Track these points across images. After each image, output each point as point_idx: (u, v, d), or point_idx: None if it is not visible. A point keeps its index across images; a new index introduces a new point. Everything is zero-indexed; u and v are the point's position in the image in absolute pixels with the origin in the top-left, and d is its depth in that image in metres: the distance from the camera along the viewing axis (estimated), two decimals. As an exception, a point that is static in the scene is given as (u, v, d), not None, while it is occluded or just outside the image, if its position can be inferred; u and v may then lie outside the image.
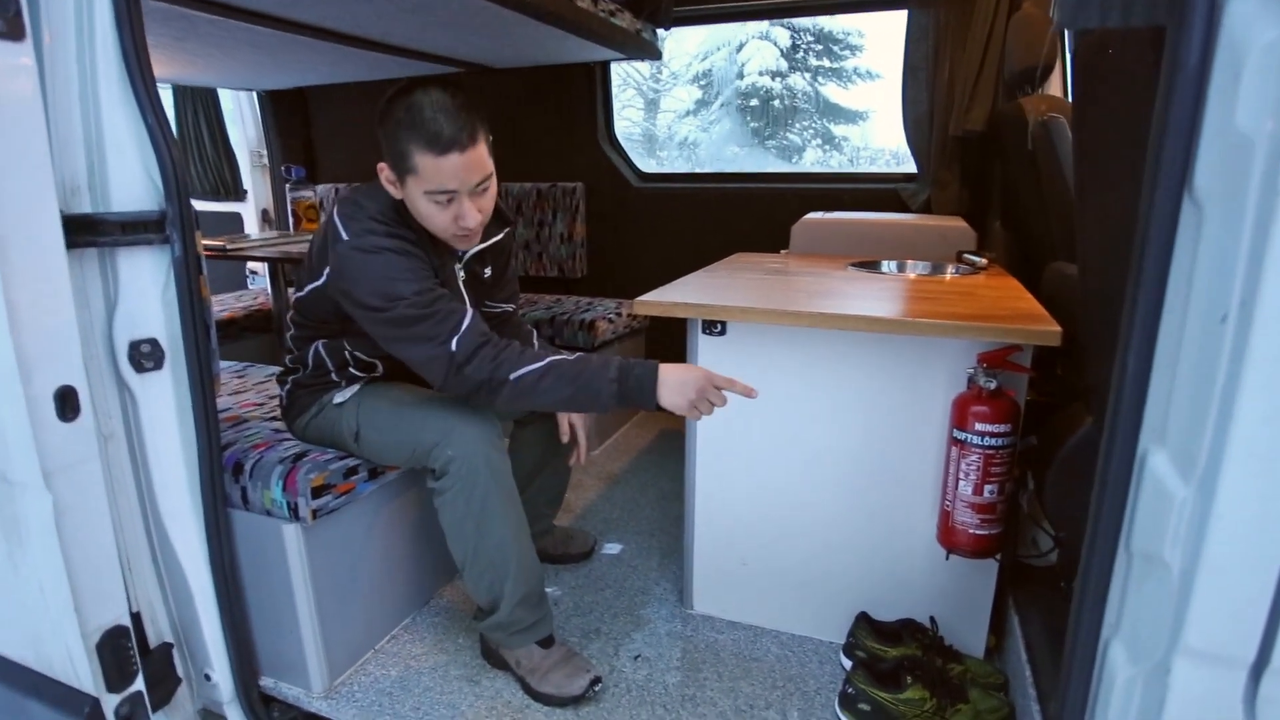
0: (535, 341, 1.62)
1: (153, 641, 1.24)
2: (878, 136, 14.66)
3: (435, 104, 1.15)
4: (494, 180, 1.25)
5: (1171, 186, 0.62)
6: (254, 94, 3.29)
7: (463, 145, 1.16)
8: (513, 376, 1.17)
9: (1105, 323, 1.01)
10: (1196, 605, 0.60)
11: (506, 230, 1.49)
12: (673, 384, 1.18)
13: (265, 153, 3.39)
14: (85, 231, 1.05)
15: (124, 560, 1.17)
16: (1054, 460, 1.18)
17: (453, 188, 1.18)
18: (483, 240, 1.39)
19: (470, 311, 1.23)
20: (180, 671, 1.27)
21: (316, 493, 1.24)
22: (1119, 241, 0.94)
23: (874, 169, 13.56)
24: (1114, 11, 0.65)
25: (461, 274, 1.40)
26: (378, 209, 1.24)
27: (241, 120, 3.37)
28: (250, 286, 3.43)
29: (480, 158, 1.19)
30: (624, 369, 1.19)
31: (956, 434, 1.20)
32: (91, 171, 1.06)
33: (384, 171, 1.23)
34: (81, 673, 1.03)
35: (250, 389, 1.68)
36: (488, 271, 1.49)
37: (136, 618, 1.21)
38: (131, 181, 1.07)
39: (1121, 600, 0.71)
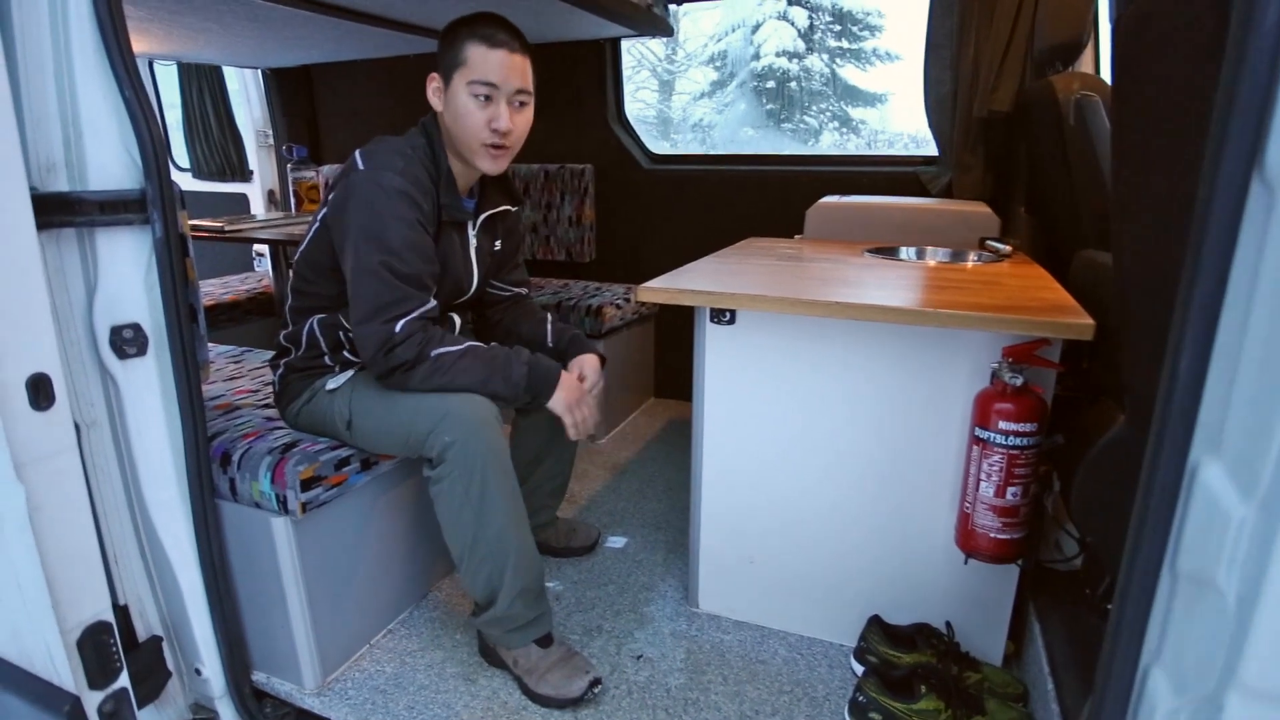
0: (548, 326, 1.57)
1: (141, 635, 1.21)
2: (896, 120, 14.40)
3: (497, 18, 1.27)
4: (531, 106, 1.32)
5: (1238, 166, 0.54)
6: (259, 72, 3.23)
7: (511, 48, 1.25)
8: (433, 354, 1.22)
9: (1143, 316, 0.93)
10: (1257, 638, 0.54)
11: (518, 207, 1.51)
12: (566, 390, 1.32)
13: (271, 132, 3.34)
14: (61, 211, 1.00)
15: (110, 552, 1.14)
16: (1083, 461, 1.11)
17: (494, 80, 1.24)
18: (493, 206, 1.43)
19: (431, 303, 1.25)
20: (170, 665, 1.24)
21: (306, 485, 1.20)
22: (1162, 229, 0.86)
23: (892, 153, 13.34)
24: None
25: (473, 242, 1.39)
26: (403, 145, 1.27)
27: (247, 99, 3.31)
28: (256, 269, 3.40)
29: (524, 68, 1.27)
30: (534, 360, 1.30)
31: (979, 432, 1.13)
32: (68, 148, 1.01)
33: (433, 81, 1.28)
34: (62, 670, 1.00)
35: (246, 374, 1.64)
36: (497, 244, 1.48)
37: (124, 610, 1.18)
38: (110, 159, 1.02)
39: (1164, 625, 0.64)
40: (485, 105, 1.24)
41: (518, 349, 1.31)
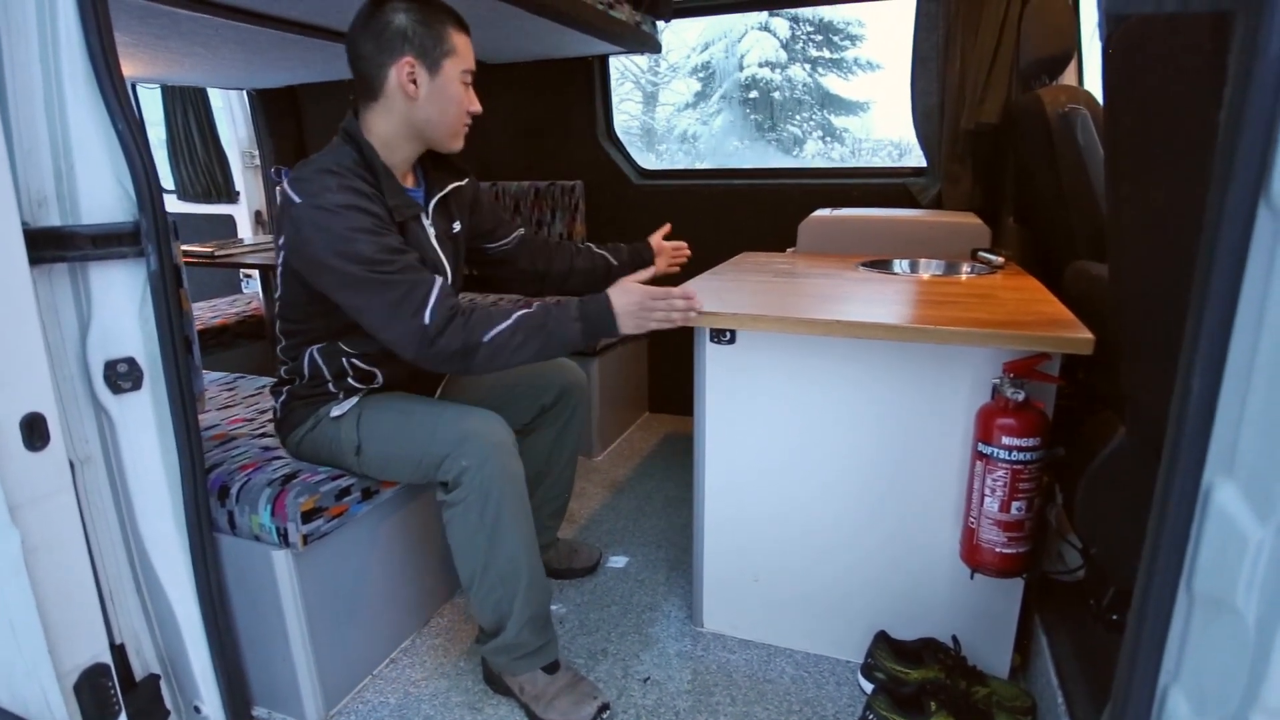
0: (606, 254, 1.54)
1: (139, 674, 1.18)
2: (879, 128, 14.54)
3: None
4: None
5: (1245, 191, 0.55)
6: (244, 93, 3.21)
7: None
8: (485, 338, 1.16)
9: (1143, 328, 0.94)
10: (1279, 661, 0.54)
11: (467, 179, 1.44)
12: (626, 310, 1.21)
13: (257, 153, 3.32)
14: (53, 245, 0.98)
15: (106, 591, 1.11)
16: (1085, 472, 1.11)
17: (473, 66, 1.27)
18: (442, 188, 1.37)
19: (439, 280, 1.18)
20: (169, 703, 1.21)
21: (307, 517, 1.18)
22: (1161, 245, 0.87)
23: (877, 161, 13.46)
24: (1171, -5, 0.58)
25: (432, 230, 1.33)
26: (329, 161, 1.19)
27: (232, 120, 3.29)
28: (244, 290, 3.36)
29: None
30: (583, 307, 1.21)
31: (981, 448, 1.14)
32: (59, 181, 1.00)
33: (406, 69, 1.19)
34: (58, 715, 0.97)
35: (240, 403, 1.62)
36: (456, 225, 1.41)
37: (120, 650, 1.15)
38: (102, 191, 1.01)
39: (1182, 644, 0.64)
40: (466, 91, 1.26)
41: (565, 303, 1.21)
